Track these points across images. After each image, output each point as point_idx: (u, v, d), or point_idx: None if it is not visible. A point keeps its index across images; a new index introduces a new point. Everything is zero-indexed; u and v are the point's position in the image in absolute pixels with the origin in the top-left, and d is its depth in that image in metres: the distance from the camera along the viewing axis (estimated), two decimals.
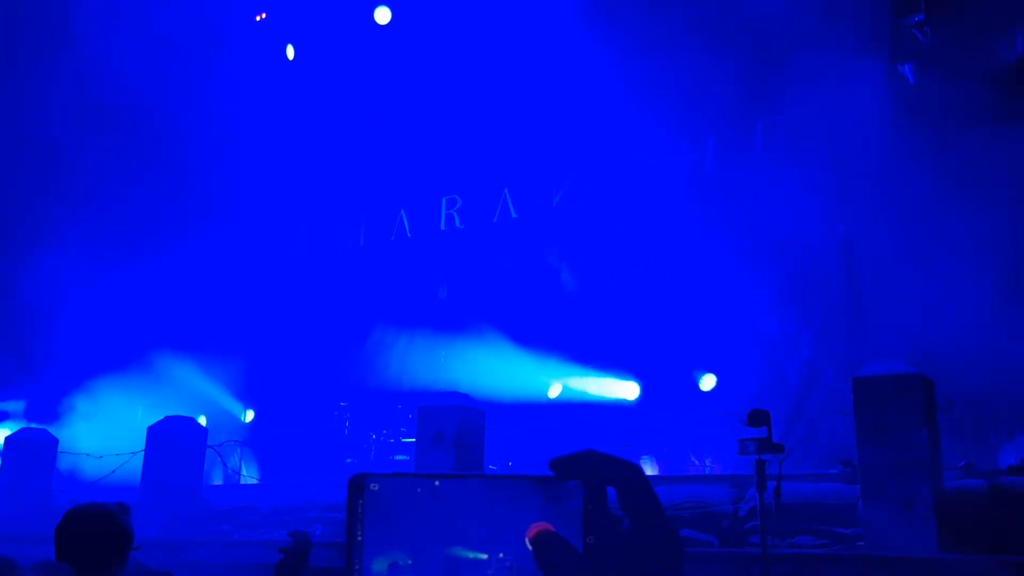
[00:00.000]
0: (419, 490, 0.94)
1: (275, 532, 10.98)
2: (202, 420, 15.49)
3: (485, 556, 0.92)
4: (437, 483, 0.94)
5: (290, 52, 18.63)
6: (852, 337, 11.84)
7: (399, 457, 14.39)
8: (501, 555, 0.92)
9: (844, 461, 8.95)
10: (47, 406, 16.13)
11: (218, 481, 14.44)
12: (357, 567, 0.93)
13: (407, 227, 17.49)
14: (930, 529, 7.58)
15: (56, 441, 13.38)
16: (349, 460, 15.24)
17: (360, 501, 0.94)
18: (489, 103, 16.03)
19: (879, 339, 10.71)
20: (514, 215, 16.27)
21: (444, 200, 17.16)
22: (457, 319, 15.58)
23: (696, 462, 12.90)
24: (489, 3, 15.99)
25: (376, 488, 0.94)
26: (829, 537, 8.40)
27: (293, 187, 17.97)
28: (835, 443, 9.78)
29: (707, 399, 13.36)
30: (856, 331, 11.74)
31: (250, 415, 16.91)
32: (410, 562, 0.93)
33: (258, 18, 18.85)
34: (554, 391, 14.56)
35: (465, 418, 10.20)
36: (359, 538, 0.93)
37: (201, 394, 16.07)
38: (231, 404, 16.53)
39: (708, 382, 13.60)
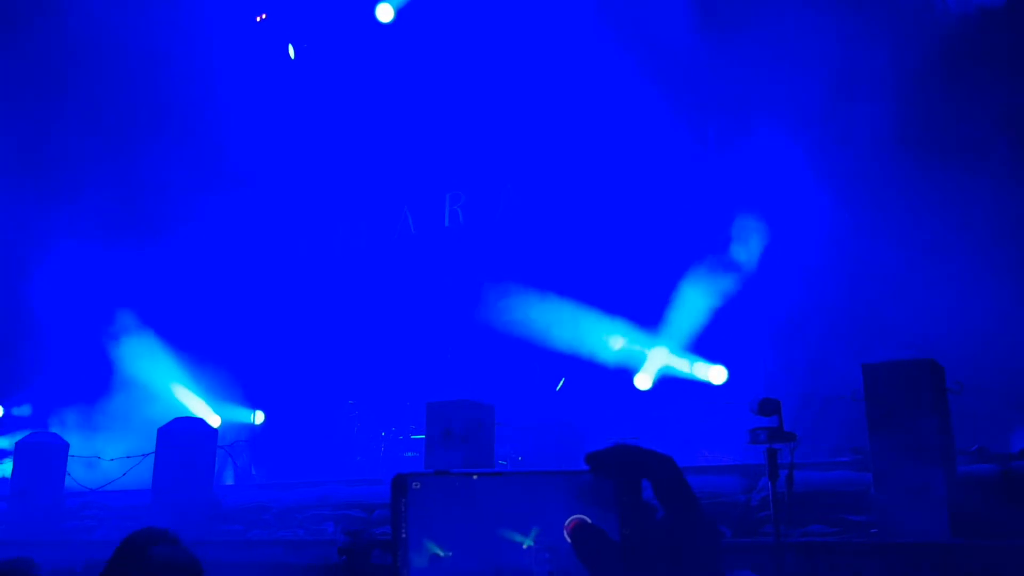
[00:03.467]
0: (458, 487, 0.96)
1: (287, 531, 11.02)
2: (213, 421, 15.55)
3: (524, 544, 0.94)
4: (475, 478, 0.96)
5: (291, 52, 18.63)
6: (860, 322, 11.81)
7: (409, 454, 14.41)
8: (539, 546, 0.94)
9: (855, 448, 8.92)
10: (57, 409, 16.17)
11: (229, 481, 14.48)
12: (403, 561, 0.95)
13: (411, 224, 17.49)
14: (942, 515, 7.56)
15: (67, 445, 13.41)
16: (359, 458, 15.27)
17: (403, 499, 0.97)
18: (491, 99, 16.02)
19: (888, 324, 10.68)
20: (516, 211, 16.26)
21: (448, 197, 17.15)
22: (463, 315, 15.59)
23: (707, 454, 12.88)
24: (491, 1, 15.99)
25: (418, 487, 0.97)
26: (841, 525, 8.38)
27: (295, 187, 17.98)
28: (846, 430, 9.74)
29: (717, 390, 13.35)
30: (864, 316, 11.70)
31: (260, 416, 16.94)
32: (450, 554, 0.95)
33: (258, 19, 18.84)
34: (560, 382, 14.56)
35: (474, 414, 10.20)
36: (403, 535, 0.95)
37: (211, 394, 16.14)
38: (240, 405, 16.56)
39: (718, 375, 13.55)
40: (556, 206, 15.72)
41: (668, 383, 13.76)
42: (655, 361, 13.84)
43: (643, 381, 13.98)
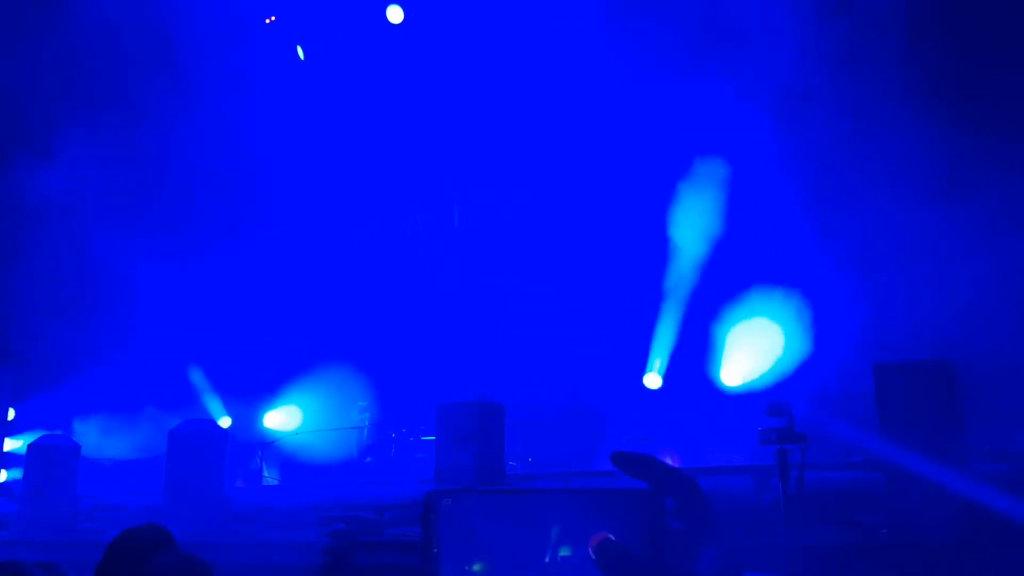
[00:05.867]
0: (486, 503, 0.98)
1: (298, 532, 11.04)
2: (223, 422, 15.59)
3: (551, 559, 0.96)
4: (503, 496, 0.98)
5: (300, 53, 18.67)
6: (872, 322, 11.78)
7: (419, 455, 14.42)
8: (565, 562, 0.96)
9: (866, 449, 8.89)
10: (69, 411, 16.23)
11: (240, 483, 14.51)
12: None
13: (421, 225, 17.51)
14: (955, 515, 7.53)
15: (79, 447, 13.48)
16: (369, 459, 15.29)
17: (434, 517, 0.99)
18: (501, 100, 16.04)
19: (899, 324, 10.65)
20: (525, 212, 16.26)
21: (457, 197, 17.17)
22: (475, 315, 15.61)
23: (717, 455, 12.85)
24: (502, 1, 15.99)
25: (448, 504, 0.98)
26: (853, 525, 8.36)
27: (304, 188, 18.02)
28: (857, 431, 9.73)
29: (730, 391, 13.32)
30: (875, 316, 11.67)
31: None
32: (479, 569, 0.97)
33: (268, 20, 18.88)
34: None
35: (484, 415, 10.21)
36: (434, 551, 0.97)
37: (221, 396, 16.19)
38: (252, 406, 16.59)
39: (731, 376, 13.51)
40: (564, 206, 15.71)
41: (678, 383, 13.73)
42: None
43: (653, 380, 13.97)
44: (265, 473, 15.23)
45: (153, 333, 16.23)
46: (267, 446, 15.56)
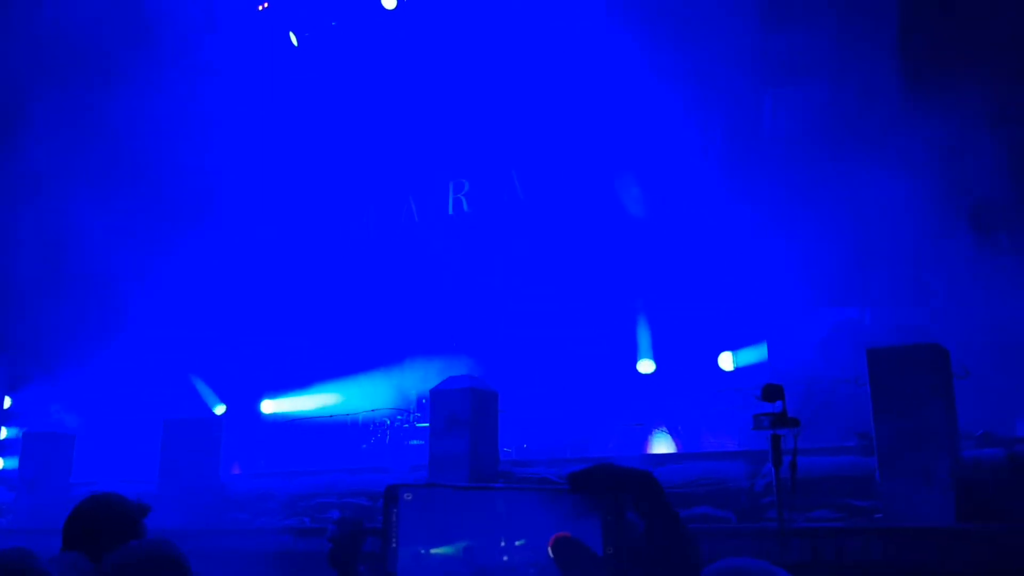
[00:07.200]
0: (449, 499, 0.97)
1: (292, 519, 11.07)
2: (218, 410, 15.60)
3: (511, 558, 0.95)
4: (465, 493, 0.98)
5: (294, 39, 18.59)
6: (866, 307, 11.79)
7: (414, 442, 14.43)
8: (525, 561, 0.95)
9: (860, 433, 8.92)
10: (63, 400, 16.20)
11: (235, 470, 14.51)
12: (391, 570, 0.96)
13: (415, 212, 17.47)
14: (948, 499, 7.57)
15: (74, 436, 13.51)
16: (364, 446, 15.29)
17: (395, 510, 0.99)
18: (495, 85, 15.99)
19: (892, 308, 10.66)
20: (519, 199, 16.23)
21: (451, 184, 17.13)
22: (469, 301, 15.59)
23: (711, 439, 12.88)
24: None
25: (409, 498, 0.99)
26: (846, 510, 8.39)
27: (298, 175, 17.96)
28: (851, 415, 9.76)
29: (724, 376, 13.33)
30: (869, 301, 11.69)
31: (269, 405, 16.90)
32: (440, 564, 0.96)
33: (260, 7, 18.79)
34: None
35: (478, 401, 10.21)
36: (393, 544, 0.96)
37: (216, 383, 16.18)
38: (248, 393, 16.59)
39: (728, 361, 13.51)
40: (559, 194, 15.68)
41: (672, 368, 13.75)
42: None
43: (646, 366, 13.99)
44: (261, 460, 15.24)
45: (147, 320, 16.17)
46: (263, 433, 15.57)
